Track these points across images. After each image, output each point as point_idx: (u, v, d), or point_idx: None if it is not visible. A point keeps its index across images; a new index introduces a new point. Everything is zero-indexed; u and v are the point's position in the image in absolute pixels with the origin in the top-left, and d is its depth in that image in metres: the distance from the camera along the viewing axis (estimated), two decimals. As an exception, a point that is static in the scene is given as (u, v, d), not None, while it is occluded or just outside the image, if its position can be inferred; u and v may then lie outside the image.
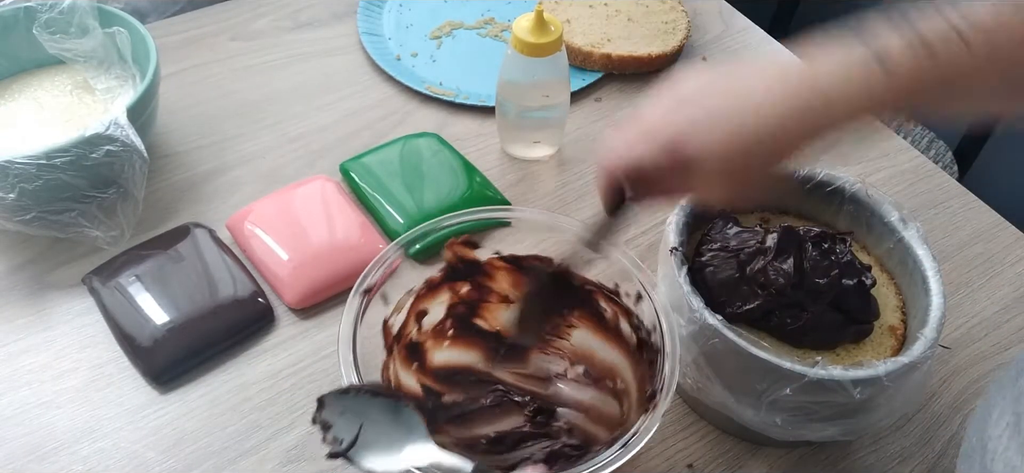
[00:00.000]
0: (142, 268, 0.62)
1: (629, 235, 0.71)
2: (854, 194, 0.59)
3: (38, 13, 0.69)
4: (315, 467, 0.55)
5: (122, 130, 0.62)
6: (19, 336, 0.61)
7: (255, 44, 0.87)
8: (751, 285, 0.53)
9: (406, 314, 0.56)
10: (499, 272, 0.57)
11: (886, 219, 0.58)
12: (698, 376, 0.53)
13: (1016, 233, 0.73)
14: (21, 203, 0.61)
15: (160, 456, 0.55)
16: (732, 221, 0.58)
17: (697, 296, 0.51)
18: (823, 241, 0.54)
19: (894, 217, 0.58)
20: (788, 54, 0.91)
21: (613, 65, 0.85)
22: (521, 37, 0.67)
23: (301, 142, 0.77)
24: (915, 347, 0.50)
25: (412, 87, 0.83)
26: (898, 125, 1.16)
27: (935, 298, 0.53)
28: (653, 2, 0.92)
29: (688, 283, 0.52)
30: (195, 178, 0.73)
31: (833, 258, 0.53)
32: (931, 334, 0.51)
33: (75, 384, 0.58)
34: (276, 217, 0.67)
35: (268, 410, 0.58)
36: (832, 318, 0.53)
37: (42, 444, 0.55)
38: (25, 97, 0.72)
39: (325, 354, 0.61)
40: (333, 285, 0.63)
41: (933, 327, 0.51)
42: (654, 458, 0.56)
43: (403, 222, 0.68)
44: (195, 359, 0.59)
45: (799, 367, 0.48)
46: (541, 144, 0.76)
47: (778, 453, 0.57)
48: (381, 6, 0.92)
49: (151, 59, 0.68)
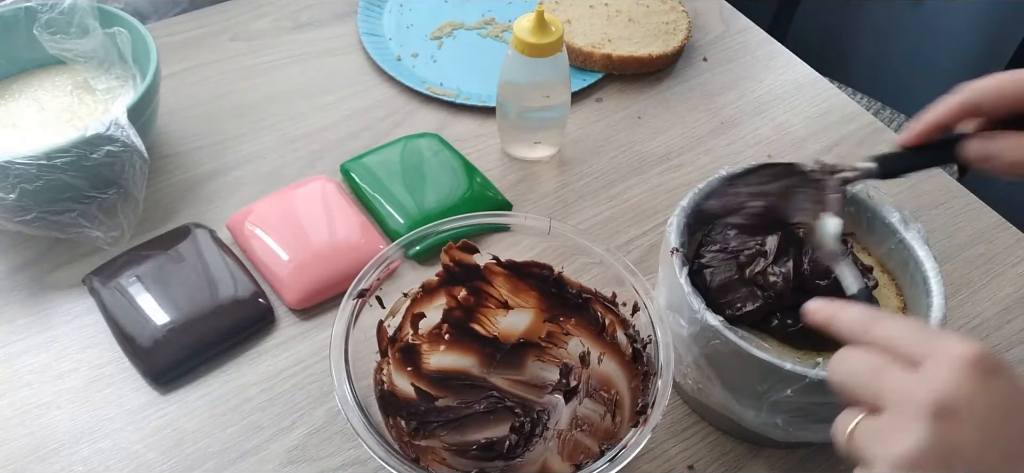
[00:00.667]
0: (142, 268, 0.62)
1: (629, 236, 0.71)
2: (855, 195, 0.59)
3: (38, 13, 0.69)
4: (316, 468, 0.55)
5: (122, 130, 0.62)
6: (19, 336, 0.61)
7: (255, 44, 0.87)
8: (751, 287, 0.53)
9: (402, 317, 0.56)
10: (497, 277, 0.57)
11: (887, 220, 0.58)
12: (699, 377, 0.53)
13: (1017, 234, 0.73)
14: (21, 203, 0.61)
15: (160, 457, 0.55)
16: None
17: (698, 297, 0.51)
18: None
19: (895, 218, 0.58)
20: (788, 55, 0.91)
21: (614, 65, 0.85)
22: (522, 37, 0.67)
23: (301, 142, 0.77)
24: None
25: (412, 87, 0.83)
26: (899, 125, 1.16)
27: (936, 299, 0.53)
28: (654, 2, 0.92)
29: (689, 284, 0.52)
30: (195, 178, 0.73)
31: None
32: None
33: (75, 385, 0.58)
34: (276, 217, 0.67)
35: (268, 411, 0.58)
36: None
37: (42, 444, 0.55)
38: (25, 97, 0.72)
39: (325, 355, 0.61)
40: (333, 285, 0.63)
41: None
42: (654, 459, 0.56)
43: (403, 222, 0.68)
44: (195, 359, 0.59)
45: (800, 368, 0.48)
46: (542, 145, 0.76)
47: (779, 454, 0.57)
48: (381, 6, 0.92)
49: (151, 59, 0.68)
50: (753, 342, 0.49)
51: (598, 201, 0.74)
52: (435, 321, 0.58)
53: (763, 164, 0.55)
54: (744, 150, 0.80)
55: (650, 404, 0.48)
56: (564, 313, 0.58)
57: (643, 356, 0.52)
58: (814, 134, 0.82)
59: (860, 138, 0.82)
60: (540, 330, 0.59)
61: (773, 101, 0.85)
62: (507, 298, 0.58)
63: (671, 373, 0.48)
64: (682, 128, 0.82)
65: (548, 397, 0.58)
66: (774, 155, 0.79)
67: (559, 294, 0.57)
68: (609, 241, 0.70)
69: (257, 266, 0.65)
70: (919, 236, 0.56)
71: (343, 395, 0.47)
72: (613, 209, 0.73)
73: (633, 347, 0.54)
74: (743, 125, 0.82)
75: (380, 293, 0.54)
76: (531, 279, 0.57)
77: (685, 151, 0.79)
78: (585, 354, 0.57)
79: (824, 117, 0.84)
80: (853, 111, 0.85)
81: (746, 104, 0.85)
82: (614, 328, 0.55)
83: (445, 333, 0.58)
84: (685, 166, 0.78)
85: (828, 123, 0.83)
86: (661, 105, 0.84)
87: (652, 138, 0.80)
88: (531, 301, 0.58)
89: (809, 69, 0.90)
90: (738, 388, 0.51)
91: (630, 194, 0.75)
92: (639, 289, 0.52)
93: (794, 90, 0.87)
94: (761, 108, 0.84)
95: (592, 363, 0.57)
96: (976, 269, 0.70)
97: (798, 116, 0.84)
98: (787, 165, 0.53)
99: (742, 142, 0.80)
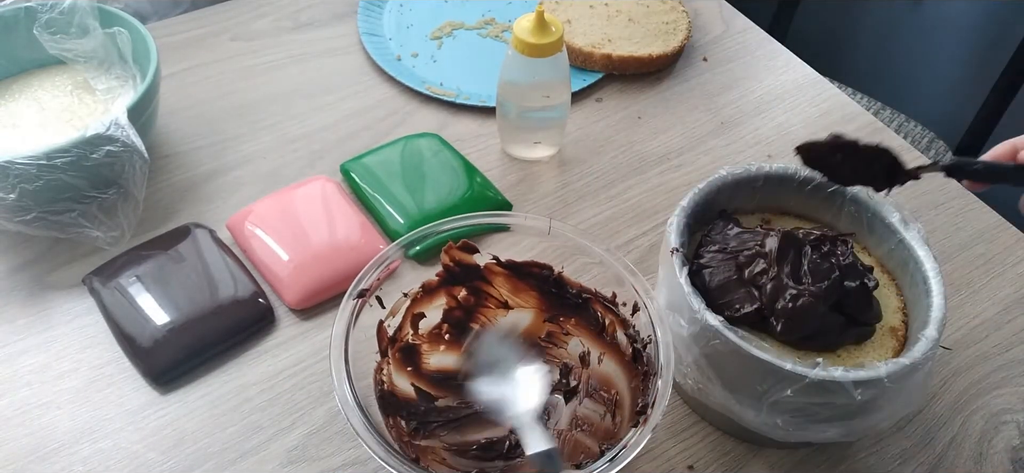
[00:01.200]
0: (142, 268, 0.62)
1: (628, 236, 0.71)
2: (855, 195, 0.59)
3: (38, 13, 0.69)
4: (316, 468, 0.55)
5: (122, 130, 0.62)
6: (19, 337, 0.60)
7: (255, 44, 0.87)
8: (749, 287, 0.53)
9: (402, 317, 0.56)
10: (497, 277, 0.57)
11: (887, 220, 0.58)
12: (699, 377, 0.53)
13: (1017, 234, 0.73)
14: (22, 203, 0.61)
15: (160, 457, 0.55)
16: (733, 222, 0.58)
17: (698, 297, 0.51)
18: (823, 244, 0.54)
19: (895, 218, 0.58)
20: (788, 55, 0.91)
21: (614, 65, 0.85)
22: (522, 37, 0.67)
23: (301, 142, 0.77)
24: (916, 348, 0.50)
25: (413, 87, 0.83)
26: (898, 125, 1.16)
27: (936, 299, 0.53)
28: (654, 2, 0.92)
29: (689, 284, 0.52)
30: (195, 178, 0.73)
31: (834, 260, 0.53)
32: (932, 335, 0.50)
33: (75, 385, 0.58)
34: (276, 217, 0.67)
35: (269, 411, 0.57)
36: (833, 320, 0.52)
37: (42, 444, 0.55)
38: (25, 97, 0.72)
39: (325, 355, 0.61)
40: (333, 286, 0.63)
41: (934, 328, 0.51)
42: (655, 459, 0.56)
43: (404, 222, 0.68)
44: (195, 360, 0.59)
45: (800, 368, 0.48)
46: (542, 145, 0.76)
47: (779, 455, 0.57)
48: (381, 6, 0.92)
49: (151, 59, 0.68)
50: (753, 342, 0.49)
51: (598, 201, 0.74)
52: (435, 321, 0.58)
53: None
54: (744, 150, 0.80)
55: (650, 404, 0.48)
56: (564, 313, 0.58)
57: (643, 356, 0.52)
58: (814, 134, 0.81)
59: (860, 138, 0.81)
60: (540, 330, 0.59)
61: (773, 101, 0.85)
62: (507, 298, 0.58)
63: (671, 373, 0.48)
64: (682, 128, 0.82)
65: (548, 397, 0.58)
66: (774, 155, 0.79)
67: (559, 294, 0.57)
68: (609, 241, 0.70)
69: (257, 266, 0.65)
70: (919, 236, 0.56)
71: (343, 395, 0.47)
72: (613, 209, 0.73)
73: (633, 347, 0.54)
74: (743, 125, 0.82)
75: (380, 293, 0.54)
76: (531, 279, 0.57)
77: (685, 151, 0.79)
78: (585, 354, 0.57)
79: (824, 117, 0.84)
80: (853, 111, 0.85)
81: (746, 104, 0.85)
82: (614, 328, 0.55)
83: (445, 333, 0.58)
84: (685, 166, 0.78)
85: (828, 123, 0.83)
86: (661, 105, 0.84)
87: (652, 138, 0.80)
88: (531, 301, 0.58)
89: (809, 69, 0.90)
90: (738, 388, 0.51)
91: (630, 194, 0.75)
92: (639, 289, 0.52)
93: (794, 90, 0.87)
94: (761, 108, 0.84)
95: (592, 363, 0.57)
96: (976, 269, 0.70)
97: (798, 116, 0.84)
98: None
99: (742, 142, 0.80)
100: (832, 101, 0.86)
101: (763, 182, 0.61)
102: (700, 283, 0.54)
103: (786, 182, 0.61)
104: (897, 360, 0.49)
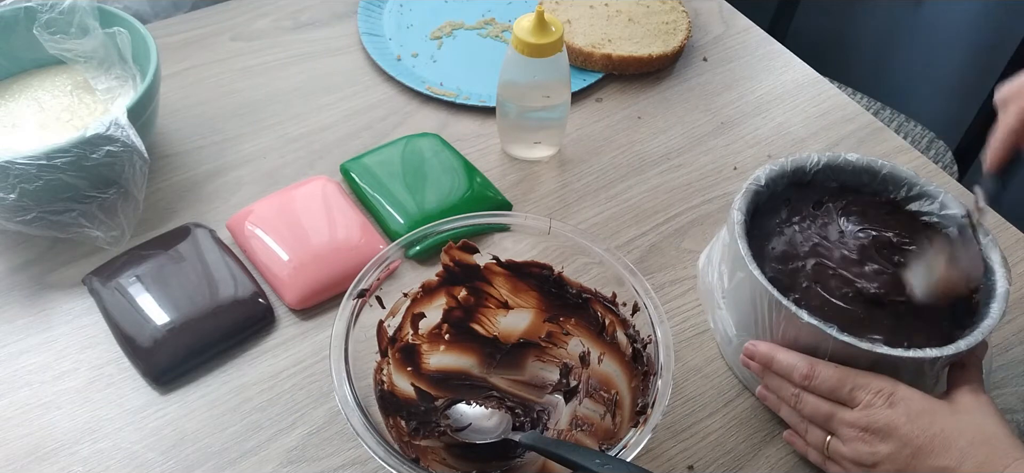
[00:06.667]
0: (142, 268, 0.62)
1: (629, 236, 0.71)
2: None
3: (38, 13, 0.69)
4: (316, 468, 0.55)
5: (122, 130, 0.62)
6: (19, 337, 0.60)
7: (256, 44, 0.87)
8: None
9: (402, 317, 0.56)
10: (497, 277, 0.57)
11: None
12: None
13: (1017, 234, 0.73)
14: (22, 203, 0.61)
15: (160, 457, 0.55)
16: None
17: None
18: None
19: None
20: (788, 55, 0.91)
21: (614, 65, 0.85)
22: (522, 37, 0.67)
23: (301, 142, 0.77)
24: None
25: (413, 87, 0.83)
26: (897, 125, 1.16)
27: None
28: (654, 2, 0.92)
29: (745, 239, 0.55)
30: (195, 178, 0.73)
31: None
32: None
33: (75, 385, 0.58)
34: (276, 217, 0.67)
35: (268, 411, 0.58)
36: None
37: (42, 444, 0.55)
38: (25, 97, 0.72)
39: (325, 355, 0.61)
40: (333, 286, 0.63)
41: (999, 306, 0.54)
42: (654, 459, 0.56)
43: (404, 222, 0.68)
44: (195, 360, 0.59)
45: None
46: (542, 145, 0.76)
47: (779, 454, 0.57)
48: (381, 6, 0.92)
49: (151, 59, 0.68)
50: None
51: (598, 201, 0.74)
52: (435, 321, 0.58)
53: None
54: (744, 150, 0.80)
55: (650, 404, 0.48)
56: (564, 313, 0.58)
57: (643, 356, 0.52)
58: (814, 134, 0.82)
59: (860, 138, 0.82)
60: (540, 330, 0.59)
61: (773, 101, 0.85)
62: (507, 298, 0.58)
63: (671, 373, 0.48)
64: (682, 128, 0.82)
65: (548, 397, 0.58)
66: (774, 155, 0.79)
67: (559, 294, 0.57)
68: (609, 241, 0.70)
69: (257, 266, 0.65)
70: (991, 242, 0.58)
71: (343, 395, 0.47)
72: (613, 209, 0.73)
73: (633, 347, 0.54)
74: (743, 125, 0.82)
75: (380, 293, 0.54)
76: (531, 279, 0.57)
77: (685, 151, 0.79)
78: (585, 354, 0.57)
79: (824, 117, 0.84)
80: (853, 111, 0.85)
81: (746, 104, 0.85)
82: (614, 328, 0.55)
83: (445, 333, 0.58)
84: (685, 166, 0.78)
85: (828, 123, 0.83)
86: (661, 105, 0.84)
87: (652, 138, 0.80)
88: (531, 301, 0.58)
89: (809, 69, 0.90)
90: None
91: (630, 194, 0.75)
92: (639, 289, 0.52)
93: (794, 90, 0.87)
94: (761, 108, 0.84)
95: (592, 363, 0.57)
96: (976, 269, 0.70)
97: (798, 116, 0.84)
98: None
99: (742, 142, 0.81)
100: (832, 101, 0.86)
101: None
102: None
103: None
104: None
